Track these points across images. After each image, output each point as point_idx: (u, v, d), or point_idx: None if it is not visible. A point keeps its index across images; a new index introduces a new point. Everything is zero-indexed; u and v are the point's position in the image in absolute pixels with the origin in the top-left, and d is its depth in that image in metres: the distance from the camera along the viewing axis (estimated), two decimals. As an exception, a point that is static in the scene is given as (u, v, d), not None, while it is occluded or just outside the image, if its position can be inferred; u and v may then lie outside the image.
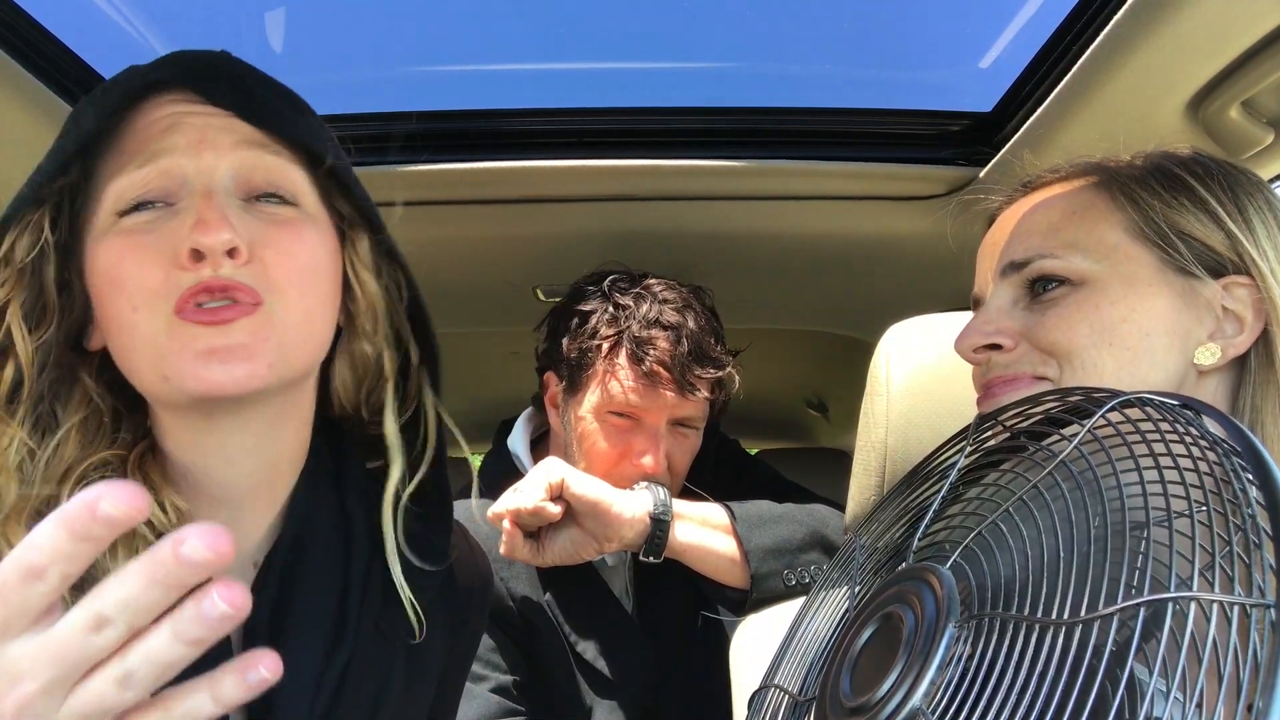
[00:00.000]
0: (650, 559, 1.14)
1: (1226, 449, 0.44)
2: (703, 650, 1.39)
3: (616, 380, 1.22)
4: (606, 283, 1.29)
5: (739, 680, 1.10)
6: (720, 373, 1.25)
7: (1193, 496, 0.44)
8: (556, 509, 1.10)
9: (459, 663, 0.87)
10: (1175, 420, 0.48)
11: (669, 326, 1.22)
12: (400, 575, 0.72)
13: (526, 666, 1.26)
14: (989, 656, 0.44)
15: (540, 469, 1.12)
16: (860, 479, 1.02)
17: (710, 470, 1.40)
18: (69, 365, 0.64)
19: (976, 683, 0.44)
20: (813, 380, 2.48)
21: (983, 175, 1.26)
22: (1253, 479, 0.42)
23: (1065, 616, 0.42)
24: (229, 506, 0.66)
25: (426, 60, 1.34)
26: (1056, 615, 0.43)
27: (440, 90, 1.33)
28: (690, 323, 1.23)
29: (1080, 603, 0.42)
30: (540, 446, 1.43)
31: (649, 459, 1.22)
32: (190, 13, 1.20)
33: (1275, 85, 0.92)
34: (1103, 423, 0.51)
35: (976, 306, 0.83)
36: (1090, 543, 0.45)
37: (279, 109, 0.66)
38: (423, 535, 0.74)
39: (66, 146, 0.60)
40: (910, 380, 0.99)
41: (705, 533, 1.16)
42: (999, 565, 0.50)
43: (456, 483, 0.80)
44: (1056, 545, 0.47)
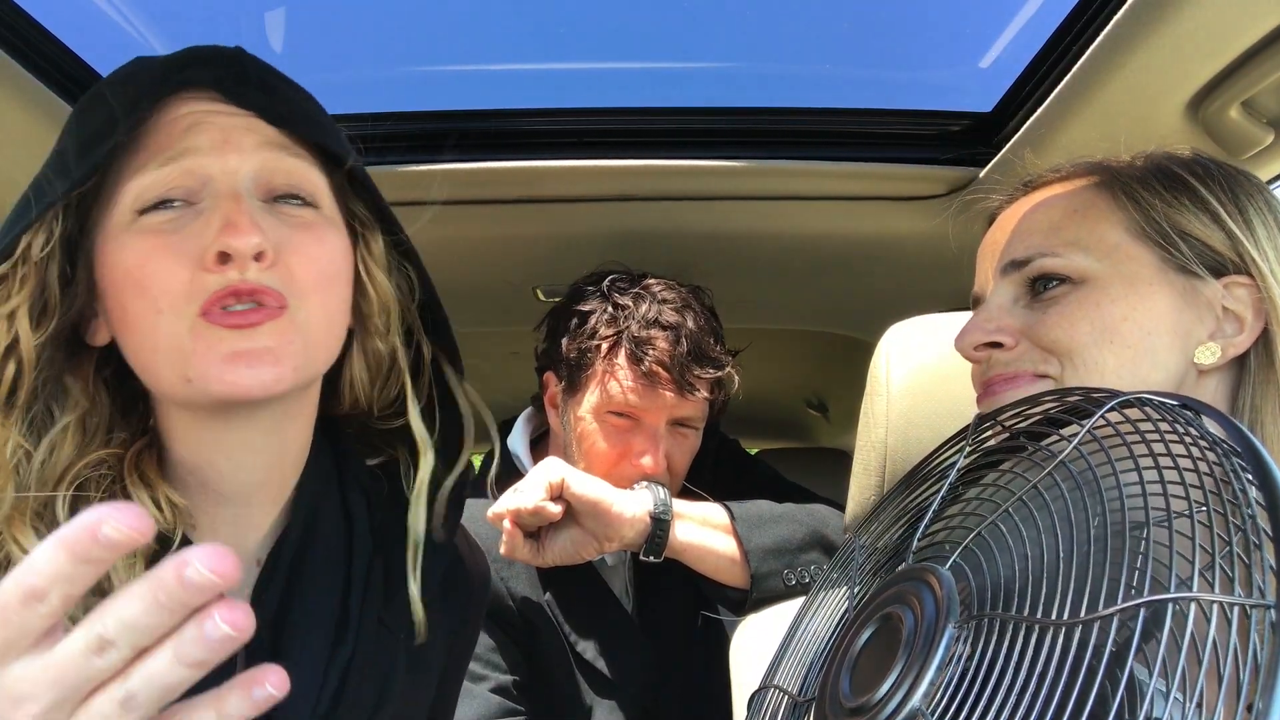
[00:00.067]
0: (650, 558, 1.14)
1: (1226, 449, 0.44)
2: (703, 650, 1.39)
3: (616, 380, 1.22)
4: (606, 283, 1.29)
5: (739, 680, 1.10)
6: (719, 373, 1.25)
7: (1192, 497, 0.44)
8: (557, 509, 1.09)
9: (458, 661, 0.87)
10: (1175, 420, 0.48)
11: (668, 326, 1.22)
12: (417, 571, 0.72)
13: (526, 666, 1.26)
14: (989, 657, 0.44)
15: (540, 469, 1.12)
16: (860, 479, 1.02)
17: (710, 470, 1.40)
18: (64, 363, 0.63)
19: (976, 683, 0.44)
20: (813, 380, 2.48)
21: (983, 175, 1.26)
22: (1252, 479, 0.42)
23: (1065, 617, 0.42)
24: (234, 504, 0.66)
25: (426, 60, 1.34)
26: (1056, 616, 0.43)
27: (440, 90, 1.33)
28: (689, 322, 1.23)
29: (1080, 603, 0.42)
30: (540, 446, 1.43)
31: (648, 459, 1.22)
32: (190, 13, 1.20)
33: (1275, 85, 0.92)
34: (1102, 423, 0.51)
35: (976, 305, 0.83)
36: (1090, 543, 0.45)
37: (301, 110, 0.66)
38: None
39: (91, 148, 0.59)
40: (910, 380, 0.99)
41: (705, 532, 1.16)
42: (999, 566, 0.50)
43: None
44: (1056, 546, 0.47)
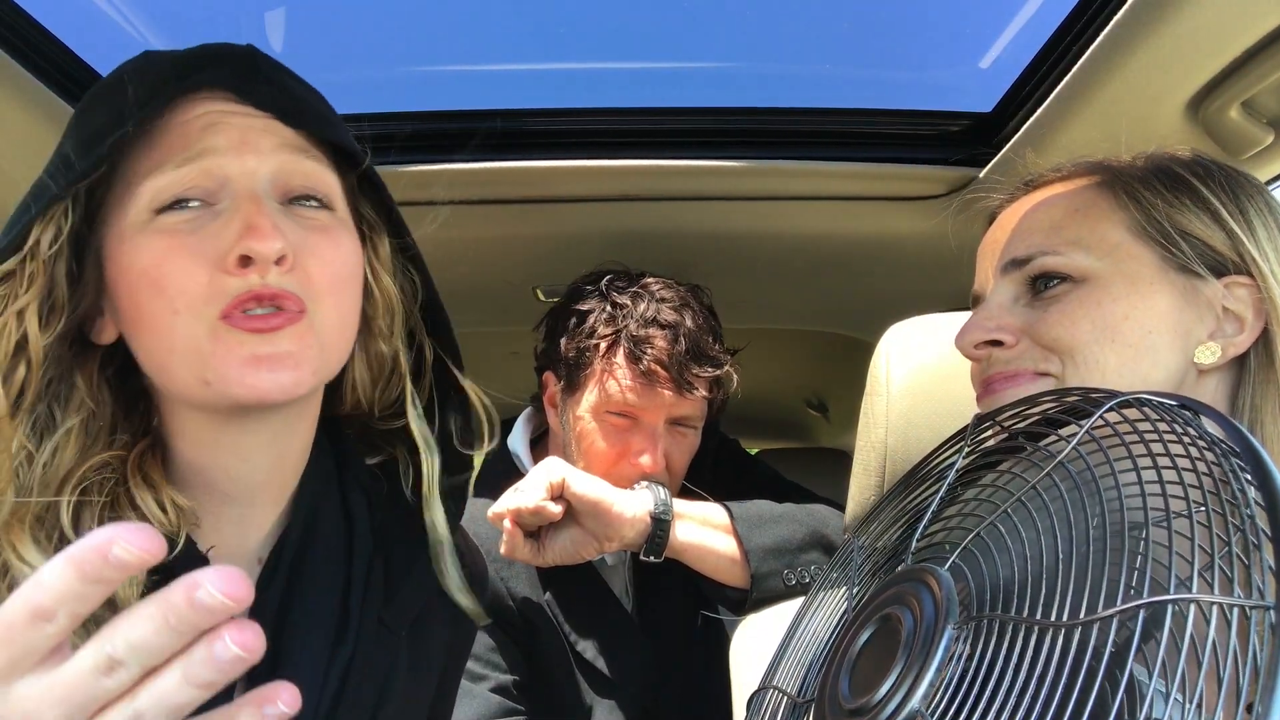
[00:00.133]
0: (651, 558, 1.14)
1: (1225, 449, 0.44)
2: (703, 650, 1.39)
3: (614, 379, 1.22)
4: (604, 282, 1.29)
5: (739, 680, 1.10)
6: (718, 371, 1.25)
7: (1191, 497, 0.43)
8: (557, 509, 1.09)
9: (457, 660, 0.87)
10: (1173, 421, 0.48)
11: (666, 325, 1.22)
12: (454, 568, 0.74)
13: (526, 666, 1.26)
14: (988, 658, 0.44)
15: (541, 469, 1.12)
16: (860, 479, 1.02)
17: (710, 470, 1.40)
18: (71, 362, 0.63)
19: (976, 684, 0.44)
20: (813, 380, 2.48)
21: (983, 175, 1.26)
22: (1251, 479, 0.42)
23: (1064, 618, 0.42)
24: (238, 503, 0.66)
25: (426, 60, 1.34)
26: (1056, 617, 0.43)
27: (440, 90, 1.33)
28: (688, 321, 1.23)
29: (1079, 604, 0.42)
30: (540, 446, 1.43)
31: (647, 458, 1.22)
32: (190, 13, 1.20)
33: (1275, 85, 0.92)
34: (1100, 423, 0.51)
35: (976, 304, 0.83)
36: (1089, 544, 0.45)
37: (316, 111, 0.66)
38: (423, 525, 0.74)
39: (98, 142, 0.58)
40: (910, 380, 0.99)
41: (705, 532, 1.16)
42: (998, 566, 0.50)
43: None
44: (1055, 546, 0.47)
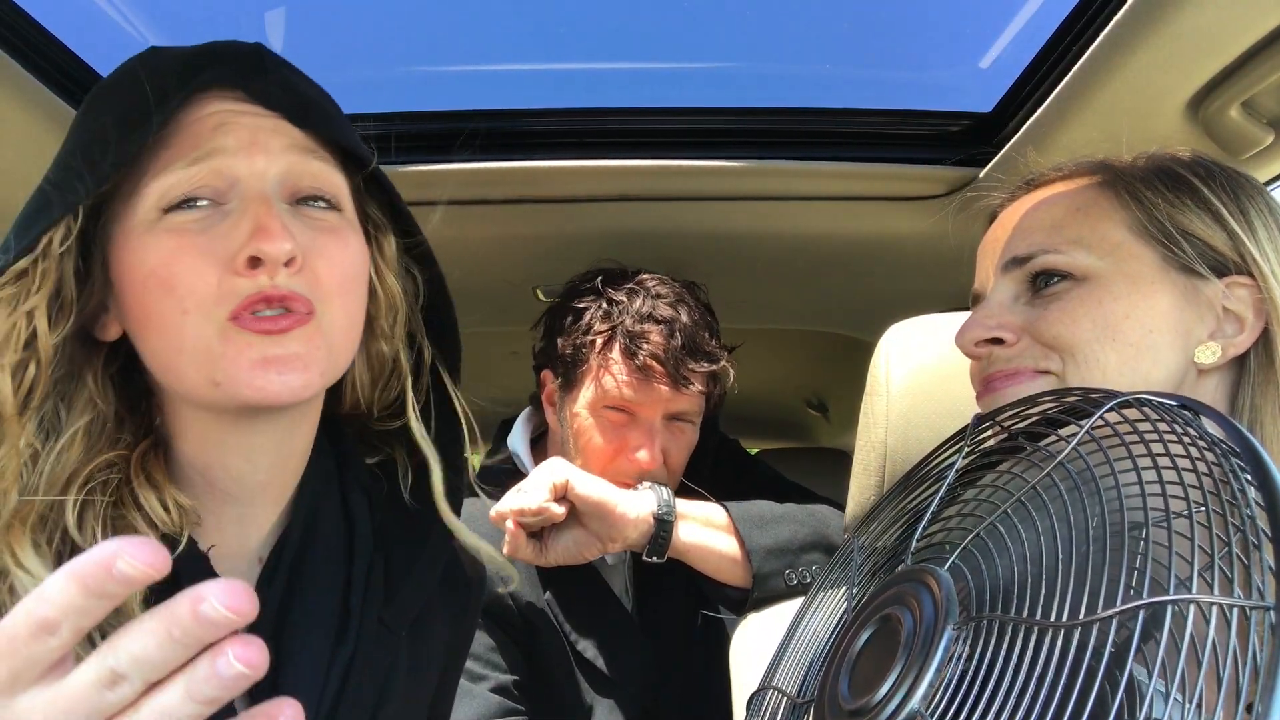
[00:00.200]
0: (653, 559, 1.14)
1: (1225, 449, 0.44)
2: (702, 650, 1.39)
3: (610, 375, 1.22)
4: (599, 279, 1.29)
5: (739, 680, 1.10)
6: (714, 366, 1.25)
7: (1191, 497, 0.43)
8: (561, 510, 1.09)
9: (456, 659, 0.87)
10: (1174, 421, 0.48)
11: (662, 320, 1.22)
12: (474, 539, 0.75)
13: (526, 666, 1.26)
14: (988, 659, 0.44)
15: (544, 469, 1.12)
16: (860, 479, 1.02)
17: (710, 469, 1.40)
18: (77, 362, 0.63)
19: (975, 685, 0.43)
20: (813, 380, 2.48)
21: (983, 175, 1.26)
22: (1251, 480, 0.42)
23: (1064, 619, 0.42)
24: (239, 503, 0.66)
25: (426, 60, 1.33)
26: (1055, 617, 0.43)
27: (440, 90, 1.33)
28: (684, 316, 1.23)
29: (1079, 605, 0.42)
30: (540, 446, 1.43)
31: (644, 453, 1.21)
32: (190, 13, 1.20)
33: (1275, 85, 0.92)
34: (1100, 423, 0.51)
35: (976, 303, 0.83)
36: (1089, 544, 0.45)
37: (325, 113, 0.66)
38: (422, 525, 0.74)
39: (114, 142, 0.58)
40: (910, 380, 0.98)
41: (708, 533, 1.16)
42: (997, 567, 0.50)
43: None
44: (1055, 547, 0.47)
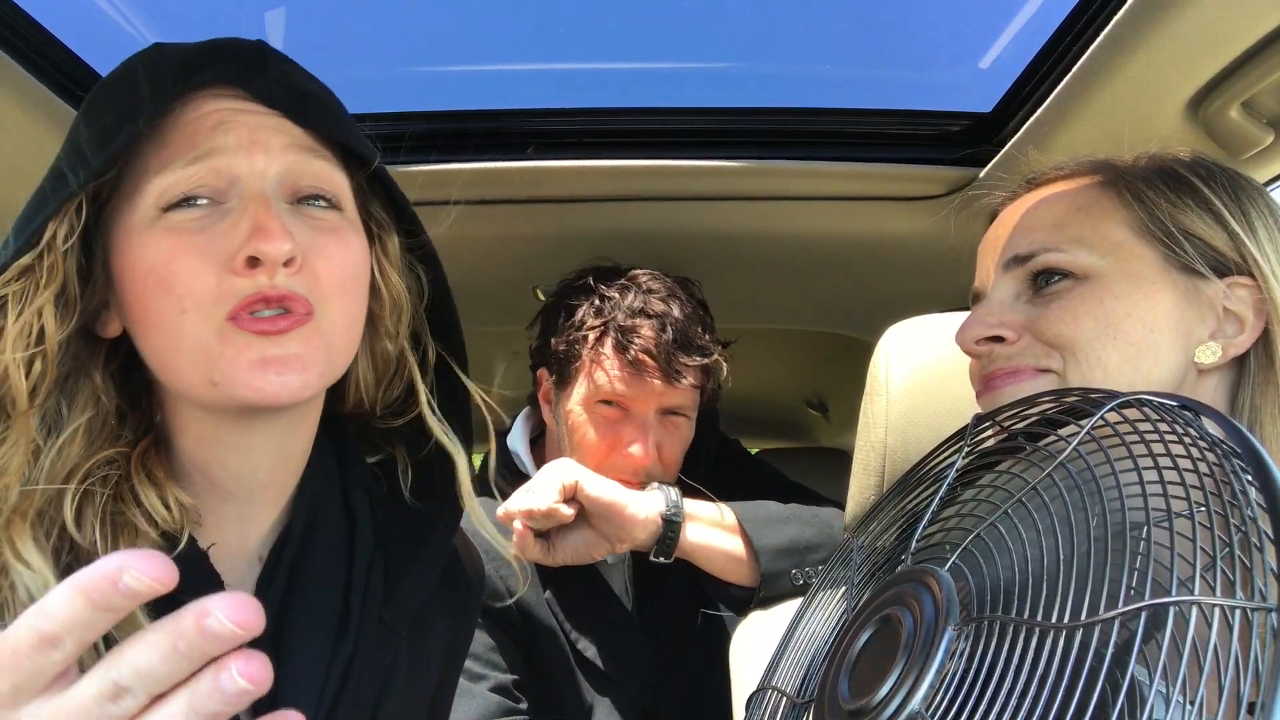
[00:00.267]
0: (661, 559, 1.14)
1: (1226, 450, 0.44)
2: (703, 649, 1.39)
3: (602, 370, 1.22)
4: (592, 277, 1.29)
5: (739, 680, 1.10)
6: (706, 360, 1.24)
7: (1192, 498, 0.43)
8: (570, 511, 1.09)
9: (455, 658, 0.87)
10: (1174, 421, 0.48)
11: (654, 315, 1.22)
12: (493, 527, 0.76)
13: (526, 665, 1.26)
14: (988, 659, 0.44)
15: (553, 470, 1.12)
16: (860, 479, 1.02)
17: (710, 469, 1.40)
18: (80, 359, 0.63)
19: (976, 686, 0.43)
20: (813, 380, 2.48)
21: (983, 175, 1.26)
22: (1253, 480, 0.42)
23: (1065, 620, 0.42)
24: (239, 501, 0.66)
25: (426, 60, 1.33)
26: (1057, 619, 0.42)
27: (440, 90, 1.33)
28: (675, 311, 1.23)
29: (1080, 606, 0.42)
30: (539, 445, 1.43)
31: (637, 448, 1.22)
32: (190, 13, 1.20)
33: (1275, 85, 0.92)
34: (1100, 423, 0.51)
35: (976, 301, 0.83)
36: (1090, 544, 0.45)
37: (327, 111, 0.65)
38: (423, 524, 0.74)
39: (110, 138, 0.58)
40: (910, 380, 0.98)
41: (715, 533, 1.16)
42: (998, 567, 0.50)
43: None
44: (1056, 547, 0.47)
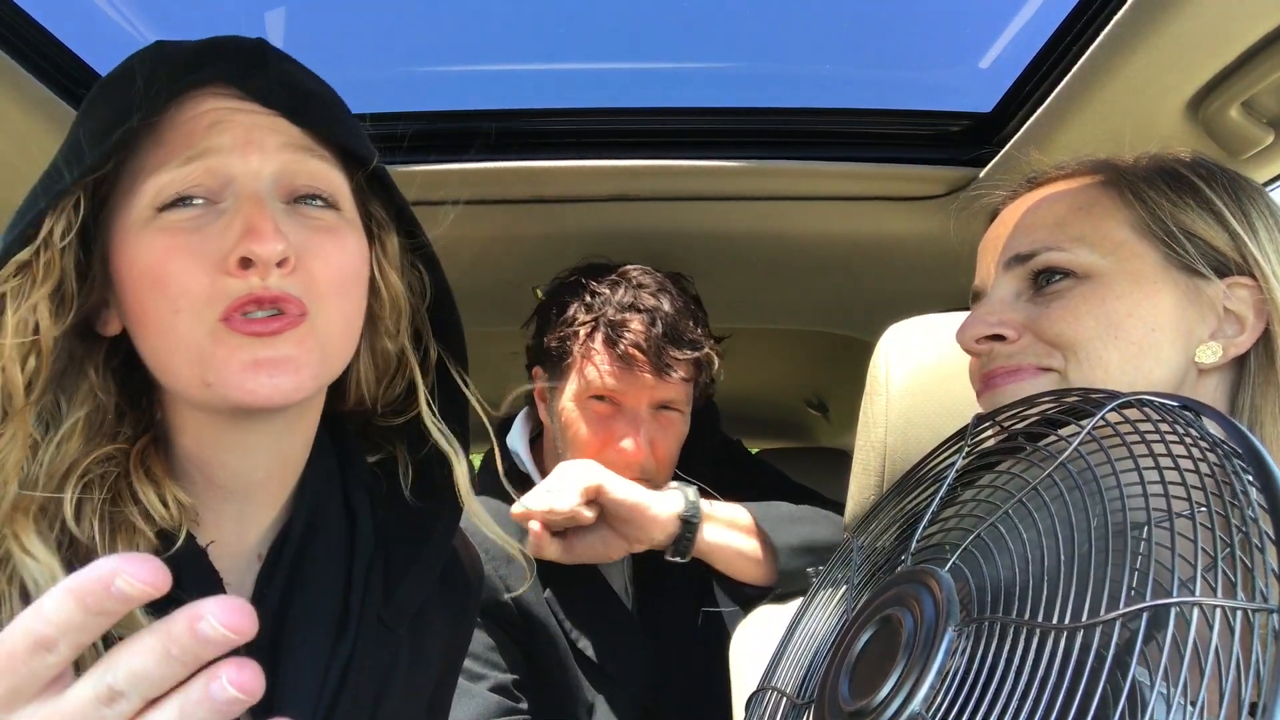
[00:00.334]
0: (676, 559, 1.15)
1: (1227, 450, 0.44)
2: (703, 648, 1.39)
3: (593, 365, 1.23)
4: (584, 274, 1.30)
5: (739, 680, 1.10)
6: (696, 354, 1.24)
7: (1193, 498, 0.43)
8: (592, 514, 1.09)
9: (455, 658, 0.87)
10: (1175, 421, 0.48)
11: (644, 310, 1.22)
12: (494, 527, 0.75)
13: (526, 665, 1.25)
14: (989, 661, 0.44)
15: (574, 471, 1.12)
16: (860, 479, 1.02)
17: (713, 470, 1.40)
18: (77, 356, 0.62)
19: (977, 687, 0.43)
20: (813, 380, 2.48)
21: (983, 175, 1.26)
22: (1253, 481, 0.42)
23: (1066, 621, 0.42)
24: (238, 500, 0.66)
25: (427, 60, 1.33)
26: (1058, 620, 0.42)
27: (440, 90, 1.33)
28: (665, 305, 1.23)
29: (1081, 607, 0.42)
30: (539, 445, 1.43)
31: (629, 442, 1.21)
32: (190, 13, 1.20)
33: (1275, 85, 0.92)
34: (1101, 423, 0.51)
35: (976, 300, 0.82)
36: (1091, 544, 0.45)
37: (325, 110, 0.65)
38: (423, 524, 0.74)
39: (106, 135, 0.58)
40: (910, 380, 0.98)
41: (731, 534, 1.17)
42: (998, 568, 0.50)
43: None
44: (1056, 547, 0.46)
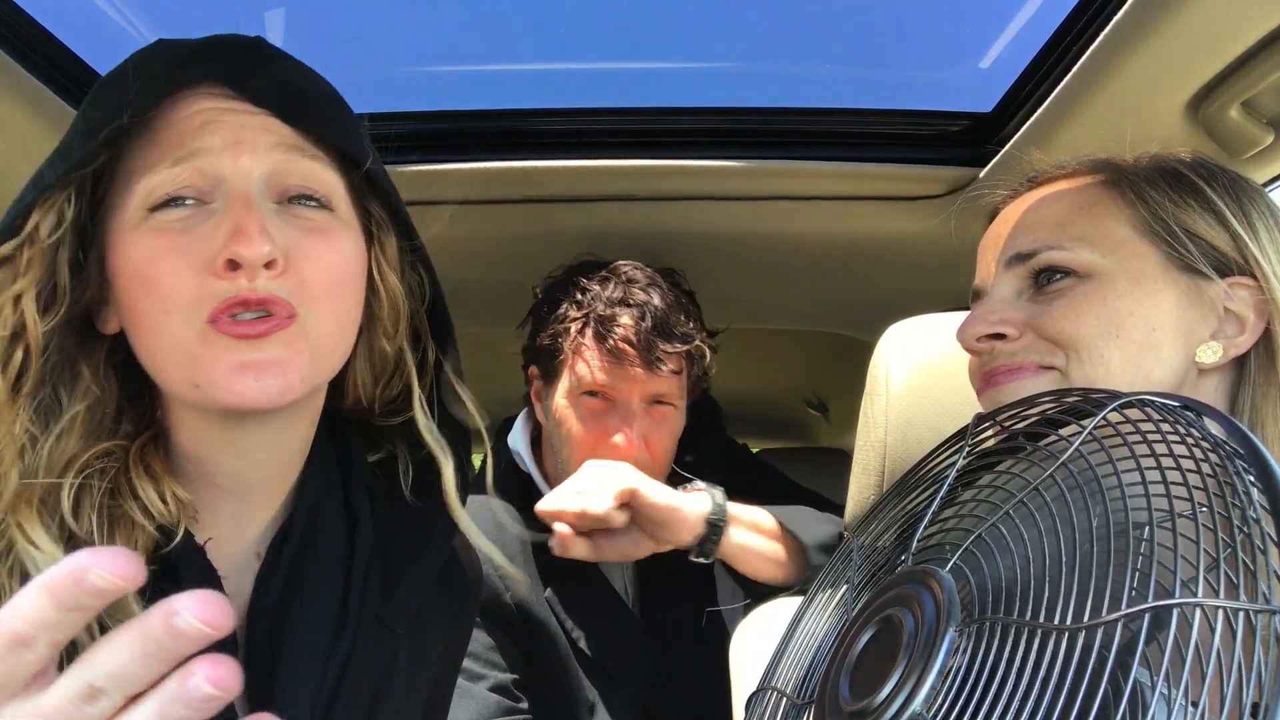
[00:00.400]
0: (700, 560, 1.15)
1: (1229, 451, 0.44)
2: (704, 647, 1.39)
3: (584, 361, 1.23)
4: (575, 271, 1.30)
5: (739, 680, 1.10)
6: (687, 347, 1.24)
7: (1195, 498, 0.43)
8: (624, 518, 1.09)
9: (454, 657, 0.87)
10: (1176, 421, 0.48)
11: (633, 304, 1.22)
12: (484, 541, 0.75)
13: (526, 664, 1.25)
14: (990, 661, 0.44)
15: (608, 474, 1.11)
16: (860, 479, 1.02)
17: (720, 472, 1.40)
18: (74, 351, 0.63)
19: (978, 688, 0.43)
20: (813, 380, 2.48)
21: (983, 175, 1.26)
22: (1255, 481, 0.42)
23: (1068, 622, 0.42)
24: (235, 498, 0.66)
25: (427, 60, 1.33)
26: (1059, 620, 0.42)
27: (440, 90, 1.33)
28: (655, 299, 1.23)
29: (1083, 607, 0.42)
30: (540, 444, 1.43)
31: (620, 437, 1.21)
32: (190, 13, 1.20)
33: (1275, 85, 0.92)
34: (1102, 423, 0.51)
35: (976, 299, 0.83)
36: (1092, 545, 0.45)
37: (319, 110, 0.65)
38: (423, 524, 0.74)
39: (97, 133, 0.58)
40: (910, 380, 0.98)
41: (754, 536, 1.17)
42: (999, 568, 0.50)
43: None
44: (1058, 547, 0.46)
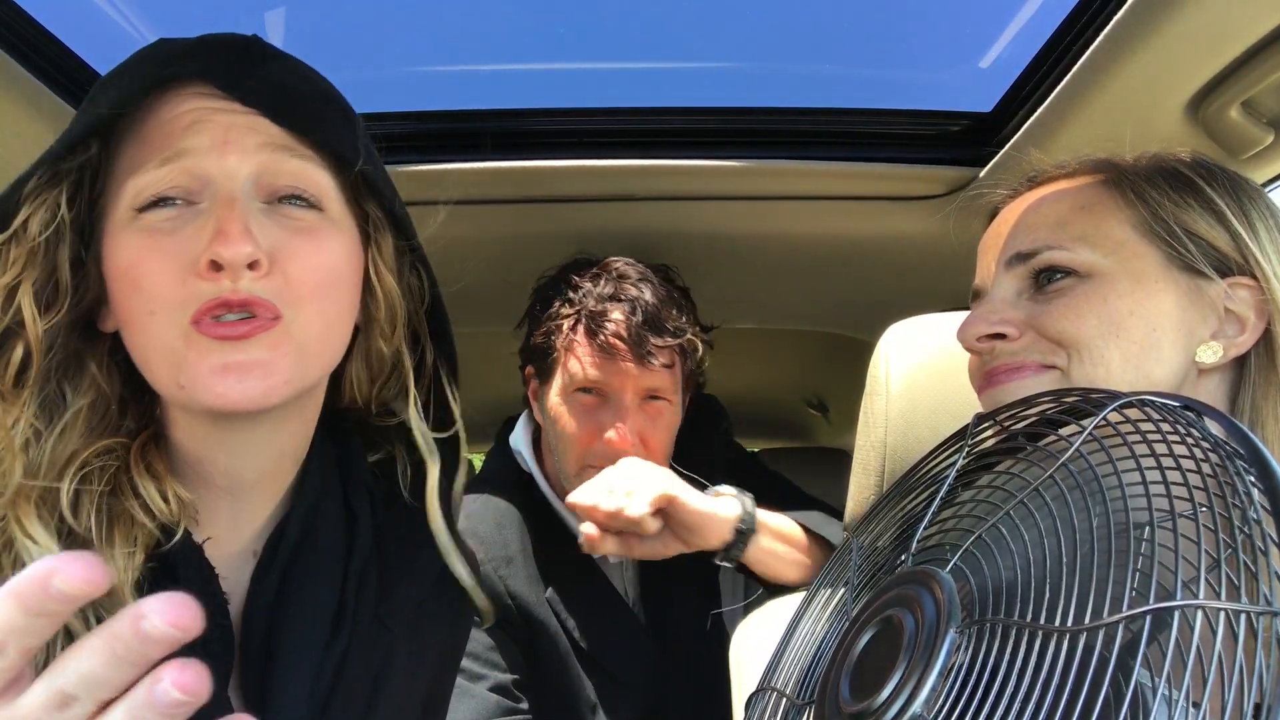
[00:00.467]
0: (725, 564, 1.15)
1: (1229, 451, 0.44)
2: (707, 647, 1.39)
3: (576, 357, 1.23)
4: (567, 269, 1.30)
5: (739, 680, 1.10)
6: (678, 341, 1.24)
7: (1195, 499, 0.43)
8: (658, 524, 1.09)
9: (453, 657, 0.87)
10: (1176, 421, 0.48)
11: (624, 299, 1.22)
12: (461, 565, 0.74)
13: (527, 665, 1.25)
14: (991, 662, 0.44)
15: (646, 478, 1.11)
16: (860, 479, 1.02)
17: (725, 476, 1.40)
18: (78, 348, 0.63)
19: (979, 689, 0.43)
20: (813, 380, 2.48)
21: (983, 175, 1.26)
22: (1256, 482, 0.42)
23: (1069, 623, 0.42)
24: (232, 497, 0.66)
25: (427, 60, 1.33)
26: (1060, 622, 0.42)
27: (440, 90, 1.33)
28: (646, 295, 1.23)
29: (1084, 608, 0.42)
30: (541, 444, 1.43)
31: (613, 433, 1.21)
32: (190, 13, 1.20)
33: (1275, 85, 0.92)
34: (1102, 423, 0.51)
35: (976, 299, 0.83)
36: (1093, 545, 0.45)
37: (309, 109, 0.64)
38: (421, 524, 0.74)
39: (76, 127, 0.59)
40: (910, 380, 0.98)
41: (778, 543, 1.17)
42: (999, 568, 0.50)
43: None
44: (1058, 548, 0.46)
